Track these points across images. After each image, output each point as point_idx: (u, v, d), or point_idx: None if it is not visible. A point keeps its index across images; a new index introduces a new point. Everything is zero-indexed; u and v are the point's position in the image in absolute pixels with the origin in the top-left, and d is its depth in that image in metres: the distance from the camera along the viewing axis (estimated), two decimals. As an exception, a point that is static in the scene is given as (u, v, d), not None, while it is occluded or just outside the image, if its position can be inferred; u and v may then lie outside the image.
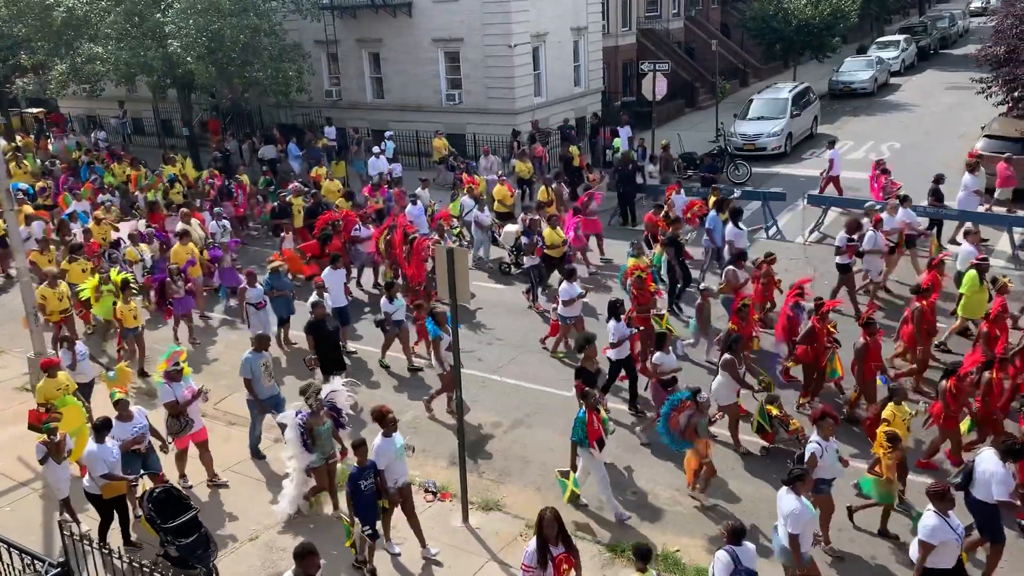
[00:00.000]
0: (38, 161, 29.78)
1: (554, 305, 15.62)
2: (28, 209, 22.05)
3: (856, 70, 38.81)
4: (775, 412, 11.88)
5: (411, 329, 15.36)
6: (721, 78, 36.31)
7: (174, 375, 11.68)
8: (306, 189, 23.05)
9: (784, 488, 8.75)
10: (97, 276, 16.50)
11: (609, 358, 13.15)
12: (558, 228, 17.84)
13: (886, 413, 10.42)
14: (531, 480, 12.03)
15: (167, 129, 36.20)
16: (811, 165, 27.40)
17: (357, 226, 18.98)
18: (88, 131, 37.29)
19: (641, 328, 13.73)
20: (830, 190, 22.81)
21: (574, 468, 11.16)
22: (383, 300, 15.13)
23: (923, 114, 33.60)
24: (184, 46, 25.76)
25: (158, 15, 26.63)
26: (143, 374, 15.55)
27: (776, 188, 23.04)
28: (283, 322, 16.41)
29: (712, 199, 19.13)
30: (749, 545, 8.62)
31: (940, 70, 42.87)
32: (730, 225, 16.87)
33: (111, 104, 37.49)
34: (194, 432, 11.87)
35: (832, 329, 12.94)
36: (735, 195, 20.72)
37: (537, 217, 18.41)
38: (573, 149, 25.74)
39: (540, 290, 17.83)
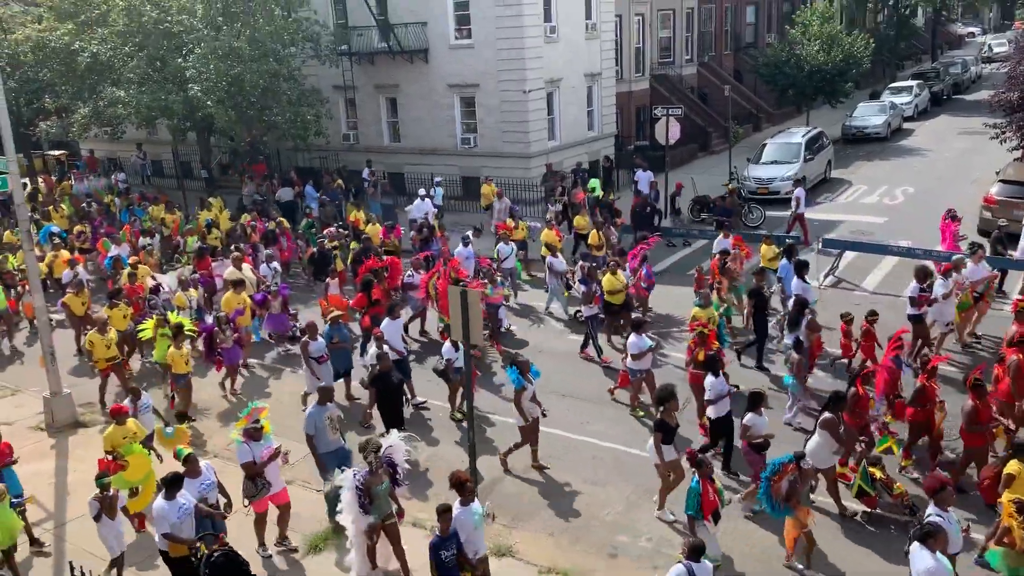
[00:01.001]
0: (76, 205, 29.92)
1: (622, 356, 14.79)
2: (66, 254, 21.96)
3: (869, 115, 39.00)
4: (878, 475, 11.13)
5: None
6: (734, 123, 36.54)
7: (254, 433, 10.97)
8: (345, 233, 22.91)
9: (916, 545, 8.13)
10: (156, 317, 16.10)
11: (709, 417, 12.46)
12: (619, 273, 17.08)
13: (1011, 468, 9.64)
14: (637, 553, 11.17)
15: (186, 171, 36.68)
16: (825, 209, 27.43)
17: (410, 272, 18.70)
18: (108, 172, 37.80)
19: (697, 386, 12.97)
20: (797, 228, 23.12)
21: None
22: (446, 346, 14.52)
23: (936, 159, 33.65)
24: (204, 90, 26.22)
25: (179, 60, 27.16)
26: (184, 418, 14.88)
27: (792, 233, 23.02)
28: (340, 375, 15.58)
29: (765, 246, 18.55)
30: (707, 563, 8.78)
31: (953, 115, 43.00)
32: (796, 279, 16.03)
33: (131, 146, 38.06)
34: (274, 494, 11.14)
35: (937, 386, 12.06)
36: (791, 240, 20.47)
37: (594, 265, 17.76)
38: (593, 182, 26.00)
39: (594, 341, 16.90)
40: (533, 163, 29.44)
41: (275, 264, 20.44)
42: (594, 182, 27.54)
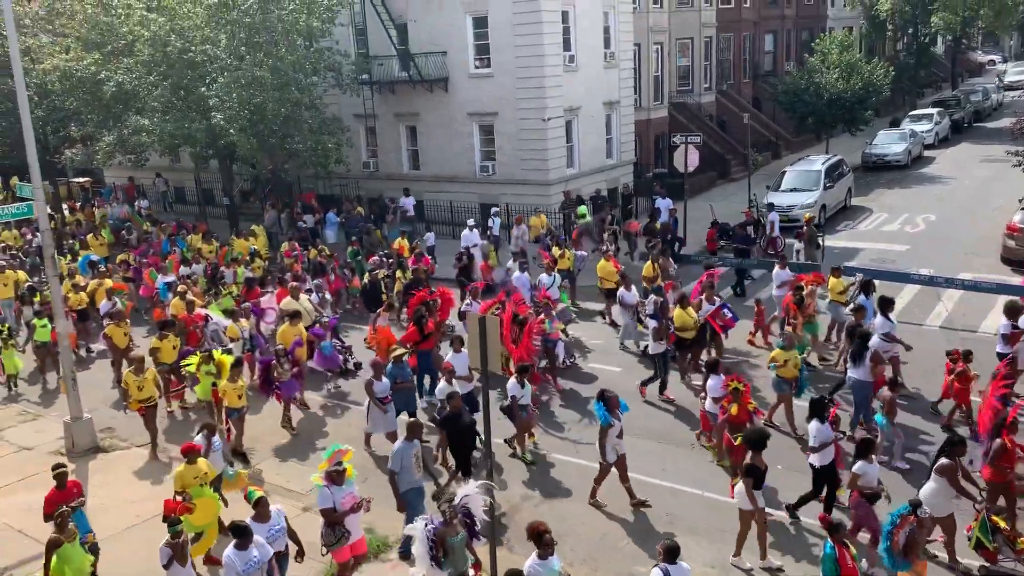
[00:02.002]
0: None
1: (702, 396, 14.00)
2: (108, 283, 21.64)
3: (890, 143, 38.86)
4: (1003, 525, 10.26)
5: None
6: (753, 150, 36.51)
7: (336, 477, 10.28)
8: (389, 261, 22.77)
9: None
10: (199, 354, 15.59)
11: (812, 465, 11.71)
12: (689, 308, 16.40)
13: None
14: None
15: (208, 198, 37.07)
16: (846, 237, 27.29)
17: (468, 301, 18.29)
18: (131, 200, 38.24)
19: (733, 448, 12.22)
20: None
21: None
22: (511, 383, 13.98)
23: (958, 187, 33.44)
24: (227, 118, 26.55)
25: (203, 89, 27.53)
26: (239, 455, 14.54)
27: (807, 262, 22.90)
28: (411, 414, 14.93)
29: (833, 279, 17.61)
30: (684, 565, 8.73)
31: (974, 143, 42.77)
32: (880, 317, 15.16)
33: (153, 174, 38.51)
34: (353, 543, 10.52)
35: None
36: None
37: (664, 299, 16.83)
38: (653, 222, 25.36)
39: (657, 376, 16.18)
40: (552, 190, 29.52)
41: (326, 294, 19.96)
42: (583, 209, 27.58)
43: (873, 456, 10.73)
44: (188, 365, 15.63)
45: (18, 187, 22.38)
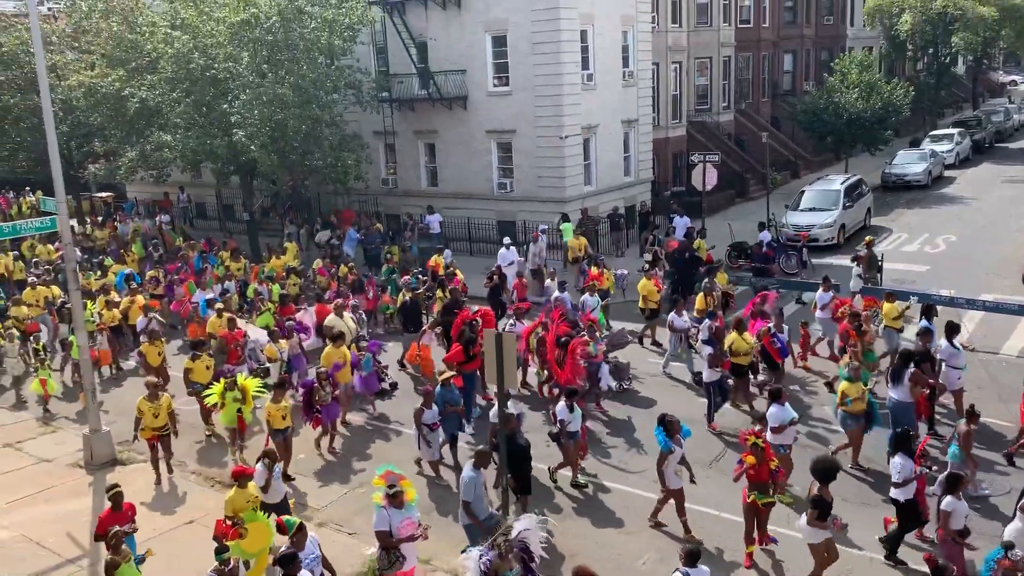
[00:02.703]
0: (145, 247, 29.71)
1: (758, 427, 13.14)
2: (141, 299, 21.50)
3: (910, 163, 38.66)
4: None
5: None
6: (772, 169, 36.44)
7: (395, 499, 9.95)
8: (425, 279, 22.50)
9: None
10: (223, 381, 14.93)
11: (895, 500, 11.17)
12: (746, 334, 15.62)
13: None
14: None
15: (228, 213, 37.38)
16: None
17: (512, 322, 17.93)
18: (152, 215, 38.65)
19: (762, 507, 11.32)
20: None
21: None
22: (559, 407, 13.29)
23: (979, 207, 33.20)
24: (248, 135, 26.80)
25: (225, 106, 27.82)
26: (287, 478, 13.89)
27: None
28: (454, 440, 14.71)
29: (888, 304, 17.06)
30: (704, 568, 8.76)
31: (996, 163, 42.50)
32: (944, 342, 14.54)
33: (174, 189, 38.88)
34: (404, 571, 10.20)
35: None
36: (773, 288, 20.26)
37: (720, 324, 16.09)
38: (701, 244, 24.54)
39: (712, 406, 15.50)
40: (569, 208, 29.55)
41: (362, 314, 19.43)
42: (567, 226, 27.61)
43: (961, 494, 10.29)
44: (210, 395, 15.01)
45: (42, 201, 22.56)
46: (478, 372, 16.09)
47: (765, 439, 11.64)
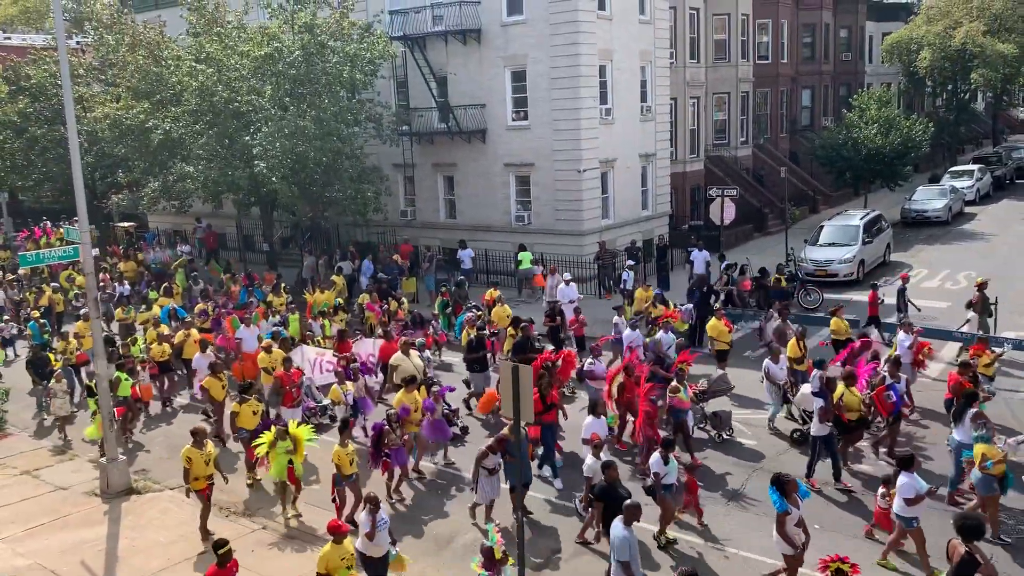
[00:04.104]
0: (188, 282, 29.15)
1: (882, 491, 12.33)
2: (196, 333, 20.69)
3: (930, 198, 38.52)
4: None
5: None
6: (790, 204, 36.39)
7: (491, 561, 9.72)
8: (480, 313, 21.84)
9: None
10: (274, 430, 14.11)
11: None
12: (853, 388, 14.57)
13: None
14: None
15: (248, 244, 37.70)
16: (885, 293, 26.87)
17: (591, 360, 16.97)
18: (173, 245, 39.01)
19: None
20: None
21: None
22: (654, 459, 12.61)
23: (1000, 243, 32.95)
24: (270, 167, 27.10)
25: (247, 138, 28.19)
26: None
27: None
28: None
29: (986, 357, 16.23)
30: None
31: (1017, 200, 42.24)
32: None
33: (194, 219, 39.28)
34: None
35: None
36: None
37: (830, 374, 14.78)
38: (782, 279, 24.05)
39: (812, 461, 14.39)
40: (586, 240, 29.60)
41: (427, 353, 18.46)
42: (524, 255, 27.54)
43: None
44: (259, 445, 14.16)
45: (66, 231, 22.74)
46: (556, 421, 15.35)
47: (854, 565, 10.66)
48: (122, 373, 18.34)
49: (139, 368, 19.65)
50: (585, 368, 16.92)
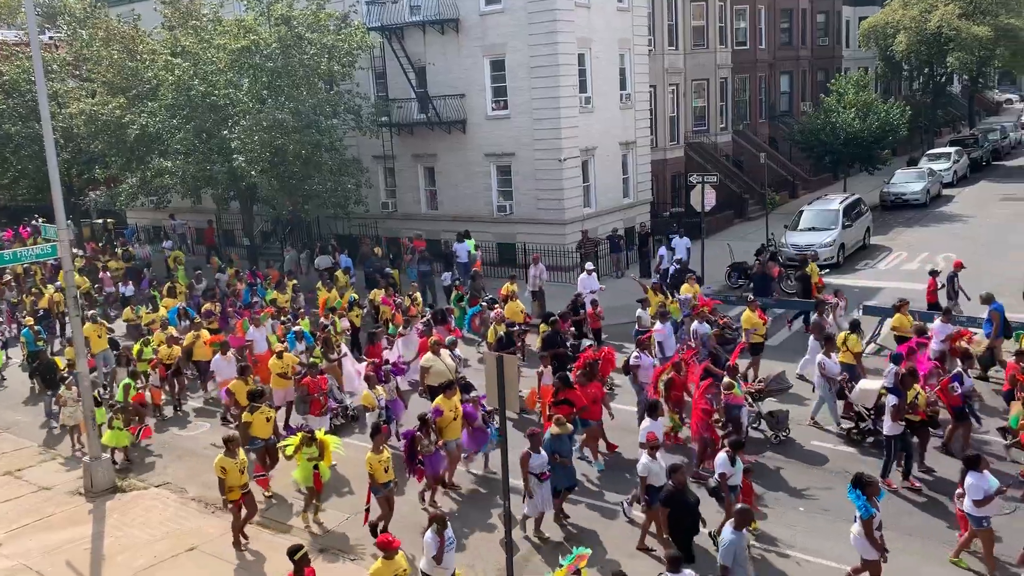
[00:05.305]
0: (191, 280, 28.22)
1: (959, 493, 11.63)
2: (206, 334, 20.15)
3: (908, 181, 38.79)
4: None
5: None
6: (770, 189, 36.57)
7: None
8: (495, 305, 21.29)
9: None
10: (300, 436, 13.70)
11: None
12: (916, 386, 13.88)
13: None
14: None
15: (228, 239, 37.46)
16: (865, 276, 27.16)
17: (636, 354, 16.41)
18: (152, 242, 38.73)
19: None
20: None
21: None
22: (719, 459, 12.01)
23: (978, 225, 33.27)
24: (248, 160, 26.91)
25: (225, 132, 27.98)
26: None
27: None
28: (557, 493, 13.10)
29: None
30: (687, 571, 8.73)
31: (994, 181, 42.65)
32: None
33: (179, 214, 38.97)
34: None
35: None
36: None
37: (904, 371, 14.00)
38: (813, 267, 23.07)
39: (888, 463, 13.81)
40: (568, 230, 29.63)
41: (458, 351, 17.51)
42: (470, 243, 27.53)
43: None
44: (287, 446, 13.84)
45: (43, 228, 22.35)
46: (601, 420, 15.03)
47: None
48: (131, 380, 17.84)
49: (149, 370, 19.30)
50: (631, 362, 16.36)
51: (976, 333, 17.51)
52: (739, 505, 10.27)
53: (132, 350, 20.32)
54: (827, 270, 26.26)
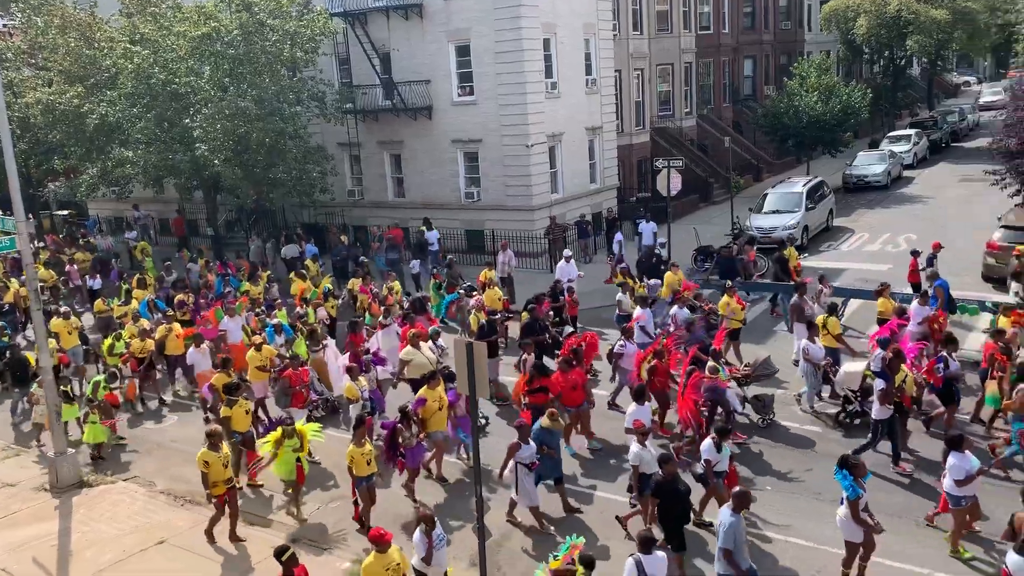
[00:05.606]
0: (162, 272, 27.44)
1: (943, 474, 11.57)
2: (179, 328, 19.71)
3: (870, 164, 39.31)
4: None
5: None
6: (735, 173, 36.87)
7: None
8: (474, 293, 21.13)
9: None
10: (280, 428, 13.46)
11: None
12: (903, 367, 13.89)
13: None
14: None
15: (192, 229, 37.00)
16: (829, 257, 27.54)
17: (622, 342, 16.35)
18: (115, 233, 38.12)
19: None
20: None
21: None
22: (706, 445, 12.00)
23: (938, 206, 33.84)
24: (211, 149, 26.58)
25: (187, 120, 27.60)
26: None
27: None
28: (557, 482, 13.18)
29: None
30: (659, 554, 8.74)
31: (953, 163, 43.36)
32: None
33: (142, 205, 38.39)
34: None
35: None
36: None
37: (891, 355, 13.90)
38: (791, 251, 23.15)
39: (872, 444, 13.76)
40: (536, 215, 29.66)
41: (441, 342, 17.39)
42: (430, 233, 27.60)
43: None
44: (265, 443, 13.61)
45: (1, 221, 21.79)
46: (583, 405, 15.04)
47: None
48: (102, 378, 17.42)
49: (120, 365, 18.97)
50: (615, 350, 16.34)
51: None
52: (737, 488, 10.26)
53: (102, 346, 19.90)
54: (805, 254, 26.61)
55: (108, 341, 19.85)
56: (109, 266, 30.13)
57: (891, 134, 46.26)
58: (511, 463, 12.46)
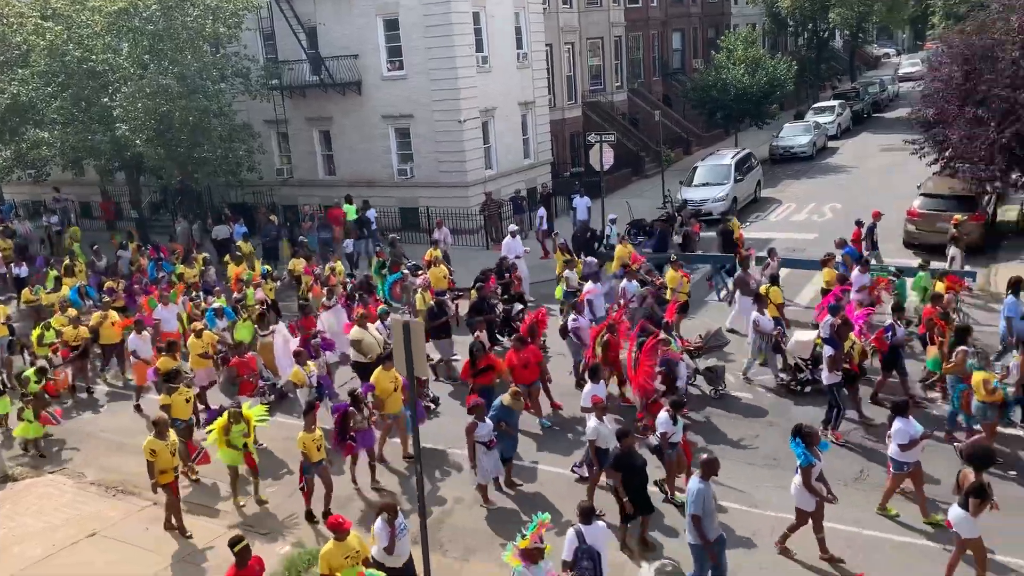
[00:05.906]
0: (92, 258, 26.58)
1: (888, 438, 11.77)
2: (114, 315, 19.09)
3: (795, 135, 40.11)
4: None
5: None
6: (665, 147, 37.27)
7: (534, 555, 9.03)
8: (421, 273, 20.78)
9: None
10: (227, 414, 13.19)
11: None
12: (851, 335, 14.10)
13: None
14: None
15: (116, 212, 35.81)
16: (757, 228, 28.09)
17: (573, 316, 16.35)
18: (33, 217, 36.64)
19: None
20: None
21: None
22: (661, 418, 12.15)
23: (861, 175, 34.76)
24: (132, 129, 25.76)
25: (106, 99, 26.65)
26: (311, 518, 12.92)
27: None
28: (505, 461, 13.24)
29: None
30: (599, 524, 8.96)
31: (874, 133, 44.55)
32: (1010, 297, 14.70)
33: (61, 188, 36.96)
34: None
35: None
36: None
37: (840, 322, 13.96)
38: (735, 223, 23.40)
39: (838, 413, 13.91)
40: (471, 192, 29.53)
41: (389, 322, 16.48)
42: (349, 208, 27.57)
43: None
44: (211, 431, 13.32)
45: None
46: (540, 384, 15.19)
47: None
48: (31, 371, 16.73)
49: (50, 354, 18.27)
50: (569, 325, 16.31)
51: (895, 281, 18.10)
52: (705, 455, 10.33)
53: (31, 336, 19.09)
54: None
55: (37, 331, 19.07)
56: (29, 253, 29.00)
57: (815, 106, 47.26)
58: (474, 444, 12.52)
